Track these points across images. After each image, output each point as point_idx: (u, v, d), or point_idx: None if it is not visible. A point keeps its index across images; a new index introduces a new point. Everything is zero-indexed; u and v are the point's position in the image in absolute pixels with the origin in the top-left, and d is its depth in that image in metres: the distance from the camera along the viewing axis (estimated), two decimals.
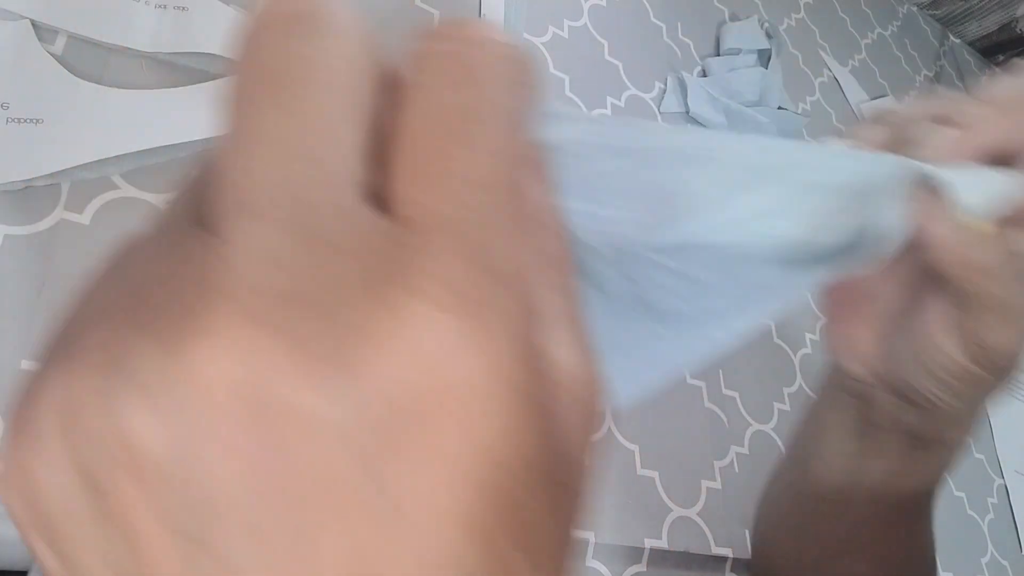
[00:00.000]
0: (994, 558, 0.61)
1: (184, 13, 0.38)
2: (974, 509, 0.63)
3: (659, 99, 0.61)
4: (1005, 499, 0.66)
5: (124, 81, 0.36)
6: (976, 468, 0.66)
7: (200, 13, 0.39)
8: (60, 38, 0.35)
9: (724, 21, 0.72)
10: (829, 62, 0.83)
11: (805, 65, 0.79)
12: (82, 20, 0.36)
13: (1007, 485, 0.67)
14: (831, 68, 0.82)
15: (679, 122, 0.61)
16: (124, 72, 0.36)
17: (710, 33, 0.70)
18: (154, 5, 0.38)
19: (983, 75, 1.10)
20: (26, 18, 0.35)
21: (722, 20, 0.72)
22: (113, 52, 0.36)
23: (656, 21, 0.66)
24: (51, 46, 0.35)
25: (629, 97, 0.59)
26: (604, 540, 0.41)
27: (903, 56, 0.97)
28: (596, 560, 0.40)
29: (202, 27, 0.38)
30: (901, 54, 0.97)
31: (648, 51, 0.63)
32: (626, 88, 0.59)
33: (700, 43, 0.68)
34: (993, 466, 0.68)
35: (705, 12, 0.71)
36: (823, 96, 0.78)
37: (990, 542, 0.62)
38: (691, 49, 0.67)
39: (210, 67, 0.38)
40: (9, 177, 0.31)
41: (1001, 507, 0.65)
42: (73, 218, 0.33)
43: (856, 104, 0.82)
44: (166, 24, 0.37)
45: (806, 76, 0.78)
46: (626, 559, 0.41)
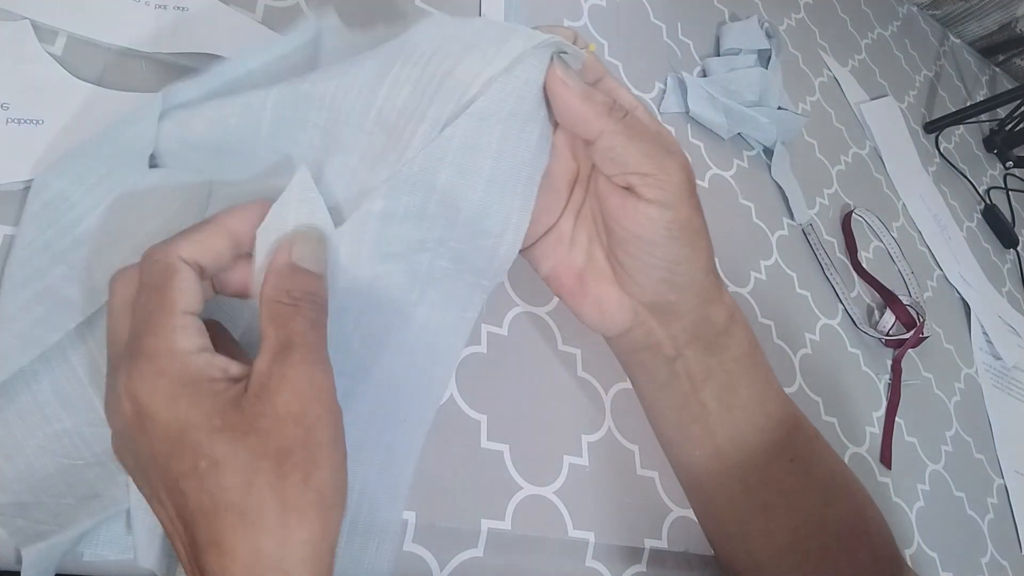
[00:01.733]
0: (994, 558, 0.61)
1: (184, 13, 0.38)
2: (974, 509, 0.63)
3: (659, 99, 0.61)
4: (1005, 499, 0.66)
5: (124, 81, 0.36)
6: (976, 468, 0.66)
7: (200, 13, 0.39)
8: (60, 38, 0.35)
9: (724, 21, 0.72)
10: (829, 62, 0.83)
11: (805, 65, 0.79)
12: (82, 20, 0.36)
13: (1007, 485, 0.67)
14: (831, 68, 0.82)
15: (679, 122, 0.61)
16: (124, 72, 0.36)
17: (710, 33, 0.70)
18: (154, 5, 0.38)
19: (983, 75, 1.10)
20: (26, 18, 0.35)
21: (722, 20, 0.72)
22: (113, 52, 0.36)
23: (656, 21, 0.66)
24: (51, 46, 0.35)
25: None
26: (604, 540, 0.41)
27: (903, 56, 0.97)
28: (596, 560, 0.40)
29: (202, 27, 0.38)
30: (901, 54, 0.97)
31: (648, 51, 0.63)
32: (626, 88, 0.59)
33: (700, 43, 0.68)
34: (993, 466, 0.68)
35: (705, 12, 0.71)
36: (823, 96, 0.78)
37: (990, 542, 0.62)
38: (691, 49, 0.67)
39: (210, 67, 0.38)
40: (9, 177, 0.31)
41: (1001, 507, 0.65)
42: None
43: (856, 104, 0.82)
44: (166, 24, 0.37)
45: (806, 76, 0.78)
46: (626, 559, 0.41)
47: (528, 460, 0.40)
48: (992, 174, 0.97)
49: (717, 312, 0.33)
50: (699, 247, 0.31)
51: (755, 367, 0.34)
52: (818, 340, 0.60)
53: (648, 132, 0.30)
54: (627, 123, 0.29)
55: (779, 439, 0.35)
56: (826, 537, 0.36)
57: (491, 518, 0.38)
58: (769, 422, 0.34)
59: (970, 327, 0.76)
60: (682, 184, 0.29)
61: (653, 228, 0.29)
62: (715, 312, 0.33)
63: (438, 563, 0.35)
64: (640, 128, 0.29)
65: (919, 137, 0.89)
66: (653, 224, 0.29)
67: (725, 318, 0.33)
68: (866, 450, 0.58)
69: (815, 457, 0.37)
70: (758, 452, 0.34)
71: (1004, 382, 0.76)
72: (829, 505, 0.36)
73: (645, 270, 0.31)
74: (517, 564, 0.38)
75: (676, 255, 0.30)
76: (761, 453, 0.34)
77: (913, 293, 0.70)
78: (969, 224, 0.87)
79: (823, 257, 0.65)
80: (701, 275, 0.31)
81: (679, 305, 0.32)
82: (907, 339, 0.65)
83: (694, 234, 0.30)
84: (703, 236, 0.31)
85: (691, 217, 0.30)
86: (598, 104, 0.28)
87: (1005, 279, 0.87)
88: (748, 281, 0.58)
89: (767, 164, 0.66)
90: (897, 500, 0.57)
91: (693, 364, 0.33)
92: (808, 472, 0.36)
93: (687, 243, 0.30)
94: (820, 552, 0.36)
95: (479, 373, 0.41)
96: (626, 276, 0.31)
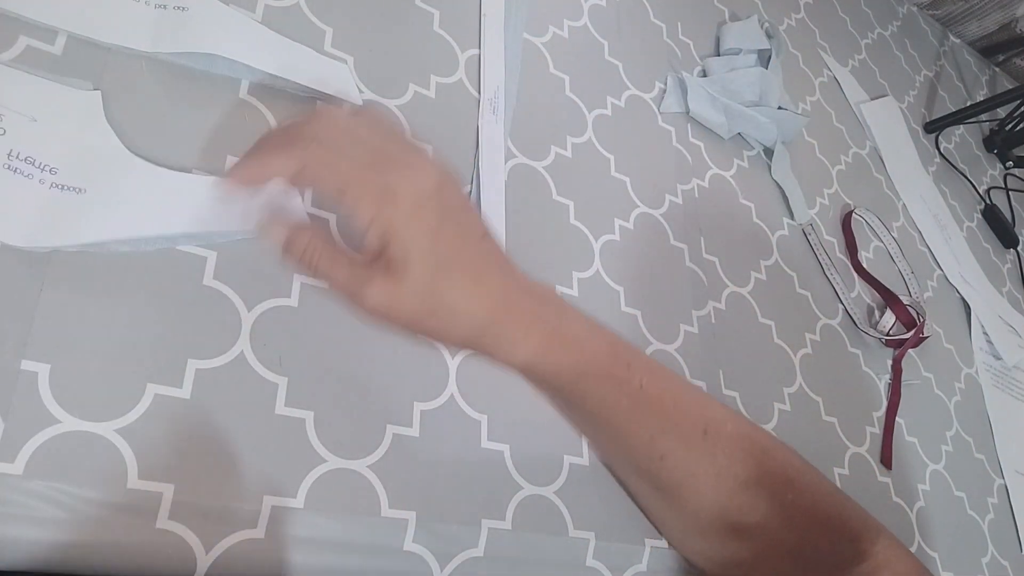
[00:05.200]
0: (994, 558, 0.61)
1: (184, 13, 0.38)
2: (974, 509, 0.63)
3: (659, 99, 0.61)
4: (1005, 499, 0.66)
5: (123, 81, 0.36)
6: (976, 468, 0.66)
7: (200, 13, 0.39)
8: (60, 38, 0.35)
9: (724, 21, 0.72)
10: (829, 62, 0.83)
11: (805, 65, 0.79)
12: (82, 20, 0.36)
13: (1007, 485, 0.67)
14: (831, 68, 0.82)
15: (679, 122, 0.61)
16: (124, 72, 0.36)
17: (710, 33, 0.70)
18: (154, 5, 0.38)
19: (983, 75, 1.10)
20: (98, 90, 0.34)
21: (722, 20, 0.72)
22: (113, 52, 0.36)
23: (656, 21, 0.66)
24: (51, 46, 0.35)
25: (629, 97, 0.59)
26: (604, 540, 0.41)
27: (903, 56, 0.97)
28: (596, 560, 0.40)
29: (202, 27, 0.38)
30: (901, 54, 0.97)
31: (648, 51, 0.63)
32: (626, 88, 0.59)
33: (700, 43, 0.68)
34: (993, 466, 0.68)
35: (705, 12, 0.71)
36: (823, 96, 0.78)
37: (990, 542, 0.62)
38: (691, 49, 0.67)
39: (210, 67, 0.38)
40: (38, 242, 0.30)
41: (1001, 507, 0.65)
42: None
43: (856, 104, 0.82)
44: (166, 24, 0.37)
45: (806, 76, 0.78)
46: (626, 559, 0.41)
47: (528, 460, 0.40)
48: (992, 174, 0.97)
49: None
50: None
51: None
52: (818, 340, 0.60)
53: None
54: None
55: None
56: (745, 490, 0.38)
57: (491, 518, 0.38)
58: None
59: (970, 327, 0.76)
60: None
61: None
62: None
63: (438, 563, 0.35)
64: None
65: (919, 137, 0.89)
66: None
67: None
68: (866, 450, 0.57)
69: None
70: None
71: (1004, 382, 0.75)
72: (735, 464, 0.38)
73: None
74: (517, 564, 0.38)
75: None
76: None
77: (913, 293, 0.70)
78: (969, 224, 0.87)
79: (823, 257, 0.65)
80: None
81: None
82: (907, 339, 0.65)
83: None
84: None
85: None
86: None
87: (1005, 279, 0.87)
88: (748, 281, 0.58)
89: (767, 164, 0.66)
90: (897, 500, 0.57)
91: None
92: (716, 464, 0.38)
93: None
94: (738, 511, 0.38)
95: (479, 373, 0.41)
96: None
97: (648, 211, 0.55)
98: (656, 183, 0.56)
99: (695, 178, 0.60)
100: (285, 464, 0.33)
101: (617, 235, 0.52)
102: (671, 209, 0.56)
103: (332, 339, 0.37)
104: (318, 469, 0.34)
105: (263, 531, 0.31)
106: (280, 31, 0.42)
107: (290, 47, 0.42)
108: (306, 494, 0.33)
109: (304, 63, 0.42)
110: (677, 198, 0.57)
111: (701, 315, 0.53)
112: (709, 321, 0.53)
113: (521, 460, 0.40)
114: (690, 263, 0.55)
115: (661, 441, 0.37)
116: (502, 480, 0.39)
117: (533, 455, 0.40)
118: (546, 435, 0.42)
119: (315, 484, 0.33)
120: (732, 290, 0.56)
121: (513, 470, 0.39)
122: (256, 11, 0.42)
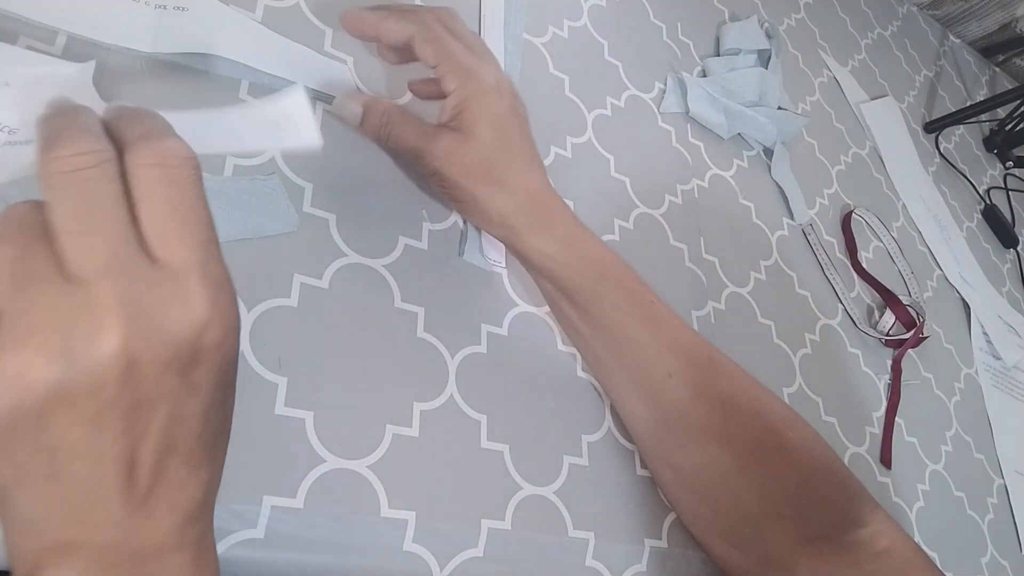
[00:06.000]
0: (994, 558, 0.61)
1: (184, 13, 0.38)
2: (974, 509, 0.63)
3: (659, 99, 0.61)
4: (1005, 499, 0.66)
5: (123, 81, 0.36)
6: (976, 468, 0.66)
7: (200, 13, 0.39)
8: (60, 38, 0.35)
9: (724, 21, 0.72)
10: (829, 62, 0.83)
11: (805, 65, 0.79)
12: (82, 20, 0.36)
13: (1007, 485, 0.67)
14: (831, 68, 0.82)
15: (679, 122, 0.61)
16: (124, 72, 0.36)
17: (710, 33, 0.70)
18: (154, 5, 0.38)
19: (983, 75, 1.10)
20: (93, 60, 0.33)
21: (722, 20, 0.72)
22: (113, 52, 0.36)
23: (656, 21, 0.66)
24: (50, 46, 0.35)
25: (629, 97, 0.59)
26: (604, 540, 0.41)
27: (903, 56, 0.97)
28: (596, 560, 0.40)
29: (202, 27, 0.38)
30: (901, 54, 0.97)
31: (648, 51, 0.63)
32: (626, 88, 0.59)
33: (700, 43, 0.68)
34: (993, 466, 0.68)
35: (705, 12, 0.71)
36: (823, 96, 0.78)
37: (990, 542, 0.62)
38: (691, 49, 0.67)
39: (210, 68, 0.38)
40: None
41: (1001, 507, 0.66)
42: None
43: (856, 104, 0.82)
44: (166, 24, 0.37)
45: (806, 76, 0.78)
46: (626, 559, 0.41)
47: (528, 460, 0.40)
48: (992, 174, 0.97)
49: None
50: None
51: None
52: (818, 340, 0.60)
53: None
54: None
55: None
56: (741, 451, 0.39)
57: (491, 518, 0.38)
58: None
59: (970, 327, 0.76)
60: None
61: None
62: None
63: (438, 563, 0.35)
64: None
65: (919, 137, 0.89)
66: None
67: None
68: (866, 450, 0.58)
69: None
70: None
71: (1004, 382, 0.76)
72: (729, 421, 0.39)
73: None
74: (517, 564, 0.38)
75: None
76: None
77: (913, 293, 0.70)
78: (969, 224, 0.87)
79: (823, 257, 0.65)
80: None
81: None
82: (907, 339, 0.65)
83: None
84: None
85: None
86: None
87: (1005, 279, 0.87)
88: (748, 281, 0.58)
89: (767, 164, 0.67)
90: (897, 500, 0.57)
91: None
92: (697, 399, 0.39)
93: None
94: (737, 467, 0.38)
95: (479, 373, 0.41)
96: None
97: (648, 211, 0.55)
98: (656, 183, 0.56)
99: (695, 178, 0.60)
100: (285, 464, 0.33)
101: (617, 235, 0.52)
102: (671, 209, 0.56)
103: (332, 339, 0.37)
104: (318, 469, 0.34)
105: (263, 531, 0.31)
106: (280, 31, 0.42)
107: (290, 47, 0.42)
108: (306, 494, 0.33)
109: (304, 63, 0.42)
110: (677, 198, 0.57)
111: (701, 315, 0.53)
112: (709, 321, 0.53)
113: (521, 460, 0.40)
114: (690, 263, 0.55)
115: (669, 359, 0.39)
116: (502, 480, 0.39)
117: (533, 455, 0.40)
118: (546, 435, 0.42)
119: (315, 484, 0.33)
120: (732, 290, 0.56)
121: (513, 470, 0.39)
122: (256, 11, 0.42)
